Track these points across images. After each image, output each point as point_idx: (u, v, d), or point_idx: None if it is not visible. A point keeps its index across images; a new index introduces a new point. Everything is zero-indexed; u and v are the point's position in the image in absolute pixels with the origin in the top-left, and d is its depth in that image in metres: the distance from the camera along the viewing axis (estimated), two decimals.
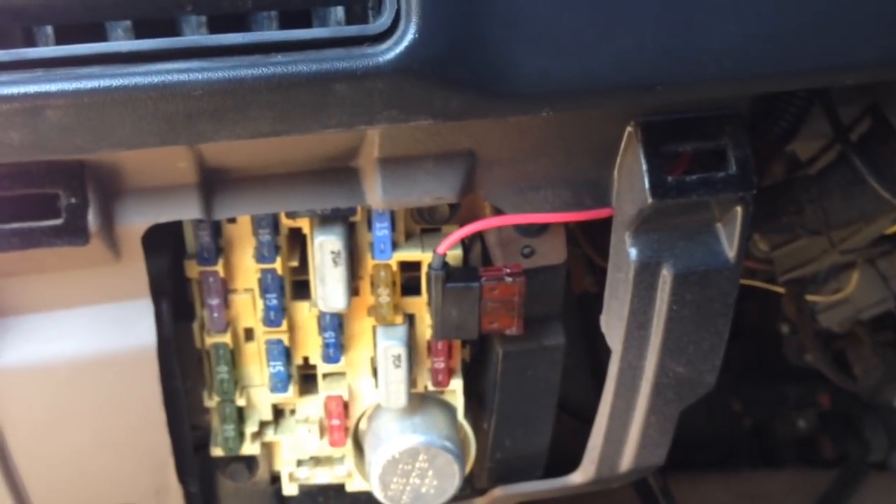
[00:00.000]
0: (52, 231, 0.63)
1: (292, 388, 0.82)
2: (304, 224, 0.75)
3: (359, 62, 0.56)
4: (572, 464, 0.90)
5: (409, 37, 0.56)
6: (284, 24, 0.59)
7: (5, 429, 0.72)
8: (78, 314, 0.70)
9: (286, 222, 0.75)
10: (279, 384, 0.81)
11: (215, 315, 0.78)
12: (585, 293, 1.14)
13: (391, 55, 0.56)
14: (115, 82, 0.54)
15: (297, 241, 0.77)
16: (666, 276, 0.73)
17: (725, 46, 0.61)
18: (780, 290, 1.14)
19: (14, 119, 0.54)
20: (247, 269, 0.77)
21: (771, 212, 0.87)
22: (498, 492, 0.91)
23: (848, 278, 1.13)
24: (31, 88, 0.53)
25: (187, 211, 0.67)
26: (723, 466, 1.91)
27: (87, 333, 0.70)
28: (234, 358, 0.80)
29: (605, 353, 0.79)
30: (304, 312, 0.80)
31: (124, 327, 0.71)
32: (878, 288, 1.20)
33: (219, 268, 0.76)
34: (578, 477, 0.91)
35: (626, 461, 0.88)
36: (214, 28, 0.58)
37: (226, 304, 0.78)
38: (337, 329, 0.80)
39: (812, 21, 0.62)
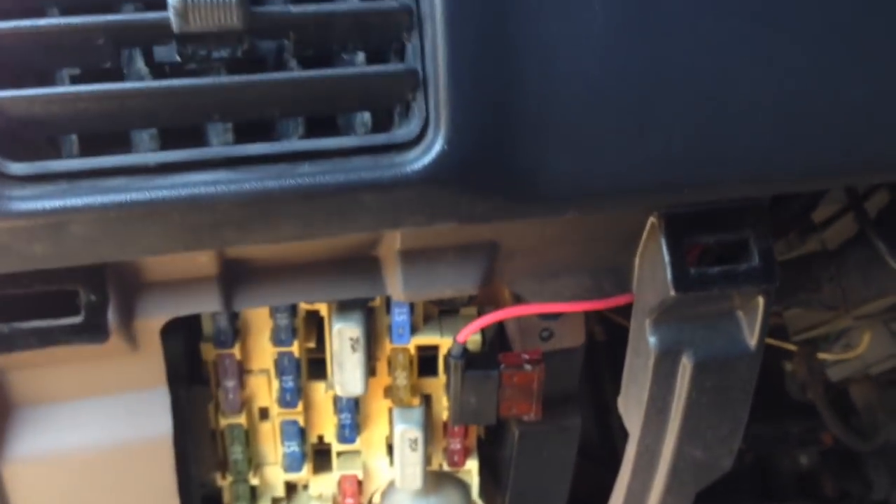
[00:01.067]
0: (71, 329, 0.62)
1: (306, 467, 0.81)
2: (321, 307, 0.74)
3: (386, 172, 0.55)
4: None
5: (438, 147, 0.55)
6: (310, 127, 0.58)
7: None
8: (93, 404, 0.69)
9: (304, 305, 0.74)
10: (293, 464, 0.80)
11: (231, 396, 0.77)
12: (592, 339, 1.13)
13: (419, 165, 0.56)
14: (142, 196, 0.53)
15: (314, 323, 0.77)
16: (686, 363, 0.73)
17: (750, 149, 0.61)
18: (792, 347, 1.13)
19: (37, 233, 0.53)
20: (263, 351, 0.76)
21: (789, 289, 0.87)
22: None
23: (859, 338, 1.12)
24: (56, 204, 0.52)
25: (207, 304, 0.66)
26: (724, 502, 1.90)
27: (103, 423, 0.69)
28: (248, 437, 0.79)
29: (612, 398, 0.79)
30: (320, 393, 0.79)
31: (140, 417, 0.70)
32: (888, 344, 1.20)
33: (235, 350, 0.75)
34: None
35: None
36: (239, 132, 0.57)
37: (241, 384, 0.77)
38: (353, 410, 0.79)
39: (837, 123, 0.61)
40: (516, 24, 0.55)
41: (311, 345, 0.77)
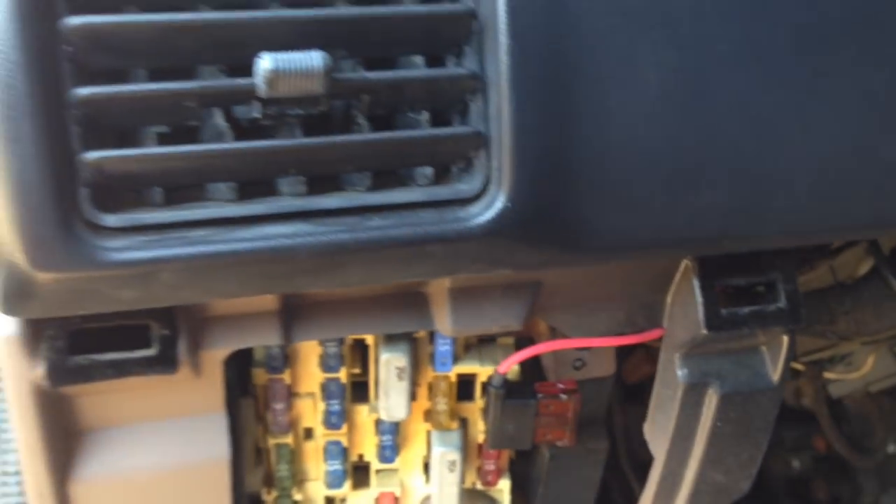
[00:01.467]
0: (144, 361, 0.66)
1: (347, 484, 0.85)
2: (367, 336, 0.78)
3: (452, 226, 0.59)
4: None
5: (500, 203, 0.59)
6: (375, 179, 0.62)
7: None
8: (156, 428, 0.73)
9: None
10: (335, 481, 0.84)
11: (279, 418, 0.81)
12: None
13: (482, 219, 0.59)
14: (226, 247, 0.56)
15: (359, 349, 0.81)
16: (712, 395, 0.77)
17: (787, 207, 0.65)
18: (800, 367, 1.18)
19: (127, 281, 0.57)
20: (311, 376, 0.80)
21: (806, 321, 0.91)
22: None
23: (863, 359, 1.17)
24: (147, 255, 0.56)
25: (268, 337, 0.70)
26: None
27: (165, 446, 0.73)
28: (293, 455, 0.83)
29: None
30: (363, 415, 0.83)
31: (200, 440, 0.73)
32: (889, 364, 1.25)
33: (285, 375, 0.79)
34: None
35: None
36: (311, 184, 0.61)
37: (288, 406, 0.81)
38: (394, 432, 0.83)
39: (868, 182, 0.66)
40: (576, 91, 0.59)
41: (356, 370, 0.81)
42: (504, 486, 0.87)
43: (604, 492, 1.11)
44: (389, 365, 0.77)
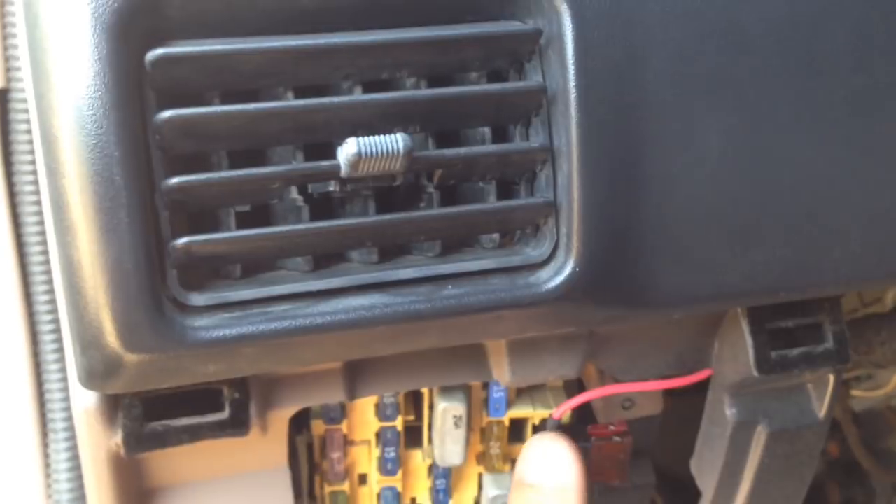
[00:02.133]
0: (217, 425, 0.67)
1: None
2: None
3: (523, 292, 0.61)
4: None
5: (569, 268, 0.61)
6: (443, 243, 0.63)
7: None
8: (222, 484, 0.75)
9: None
10: None
11: (336, 467, 0.82)
12: None
13: (552, 285, 0.61)
14: (308, 322, 0.58)
15: (412, 395, 0.82)
16: (761, 433, 0.79)
17: (844, 259, 0.67)
18: None
19: (213, 357, 0.58)
20: (367, 424, 0.82)
21: None
22: None
23: (888, 377, 1.20)
24: (234, 332, 0.57)
25: (334, 395, 0.72)
26: None
27: (232, 501, 0.74)
28: (348, 502, 0.85)
29: None
30: (417, 461, 0.85)
31: (264, 494, 0.75)
32: None
33: (343, 426, 0.81)
34: None
35: None
36: (381, 252, 0.62)
37: (344, 454, 0.83)
38: (447, 476, 0.85)
39: None
40: (642, 158, 0.61)
41: (411, 417, 0.82)
42: None
43: None
44: (447, 414, 0.78)
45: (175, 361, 0.57)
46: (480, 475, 0.86)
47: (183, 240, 0.55)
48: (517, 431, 0.85)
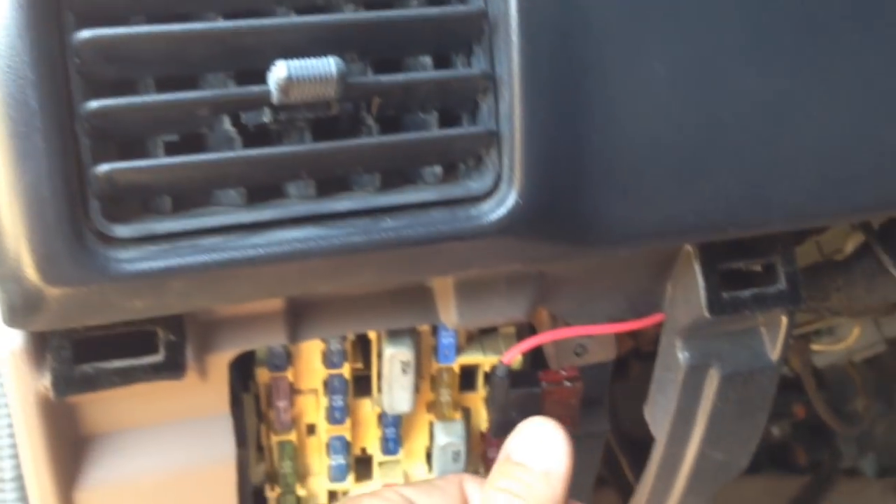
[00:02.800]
0: (151, 368, 0.65)
1: (350, 477, 0.85)
2: (370, 332, 0.78)
3: (464, 224, 0.59)
4: None
5: (512, 200, 0.59)
6: (384, 179, 0.61)
7: None
8: (161, 431, 0.73)
9: None
10: (339, 475, 0.84)
11: (282, 416, 0.80)
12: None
13: (494, 217, 0.59)
14: (240, 254, 0.56)
15: (361, 344, 0.80)
16: (713, 377, 0.78)
17: (794, 192, 0.65)
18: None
19: (140, 291, 0.56)
20: (313, 372, 0.80)
21: None
22: None
23: (849, 331, 1.19)
24: (161, 264, 0.55)
25: (275, 338, 0.70)
26: None
27: (171, 449, 0.72)
28: (296, 452, 0.83)
29: None
30: (366, 409, 0.83)
31: (206, 441, 0.73)
32: (872, 334, 1.28)
33: (288, 373, 0.79)
34: None
35: None
36: (319, 185, 0.60)
37: (291, 403, 0.81)
38: (397, 425, 0.83)
39: (870, 166, 0.67)
40: (586, 86, 0.59)
41: (359, 365, 0.81)
42: None
43: None
44: (394, 360, 0.76)
45: (99, 296, 0.55)
46: (431, 424, 0.84)
47: (104, 167, 0.52)
48: (468, 379, 0.84)
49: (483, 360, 0.81)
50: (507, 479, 0.62)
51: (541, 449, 0.64)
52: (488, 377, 0.82)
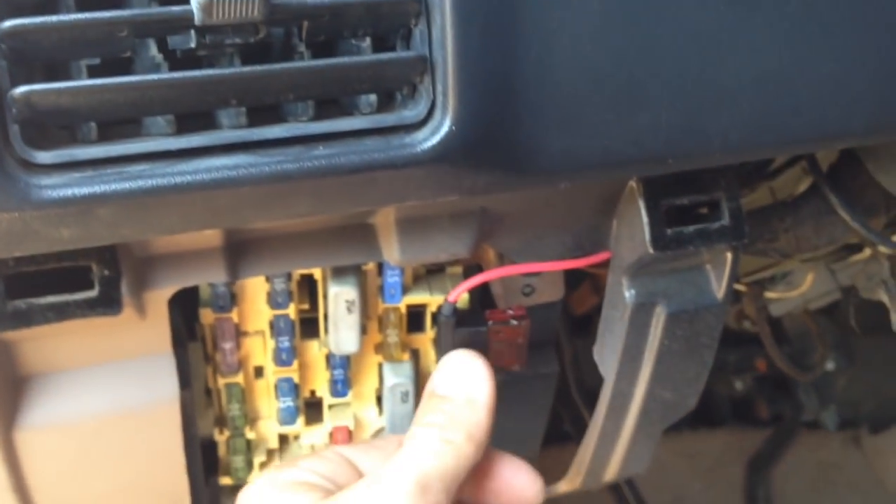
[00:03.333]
0: (86, 303, 0.64)
1: (299, 420, 0.85)
2: (315, 270, 0.77)
3: (398, 152, 0.58)
4: None
5: (446, 128, 0.58)
6: (317, 109, 0.60)
7: (31, 483, 0.73)
8: (102, 371, 0.72)
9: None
10: (288, 418, 0.84)
11: (228, 358, 0.80)
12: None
13: (428, 145, 0.59)
14: (167, 181, 0.55)
15: (307, 285, 0.80)
16: (659, 314, 0.78)
17: (733, 123, 0.65)
18: (742, 287, 1.20)
19: (65, 219, 0.55)
20: (259, 313, 0.79)
21: (749, 240, 0.92)
22: None
23: (802, 278, 1.20)
24: (85, 191, 0.54)
25: (213, 274, 0.69)
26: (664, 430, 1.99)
27: (112, 389, 0.72)
28: (244, 395, 0.83)
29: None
30: (314, 351, 0.83)
31: (148, 381, 0.73)
32: (827, 281, 1.28)
33: (233, 314, 0.78)
34: (564, 486, 0.97)
35: (611, 473, 0.94)
36: (251, 116, 0.59)
37: (237, 345, 0.80)
38: (345, 366, 0.83)
39: (809, 98, 0.66)
40: (519, 11, 0.58)
41: (305, 306, 0.80)
42: None
43: (555, 423, 1.13)
44: (339, 298, 0.76)
45: (22, 224, 0.54)
46: (380, 365, 0.84)
47: (22, 89, 0.51)
48: (416, 320, 0.83)
49: (430, 299, 0.80)
50: (431, 413, 0.63)
51: (462, 379, 0.64)
52: (435, 318, 0.82)
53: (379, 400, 0.86)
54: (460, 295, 0.77)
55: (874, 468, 2.02)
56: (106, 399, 0.72)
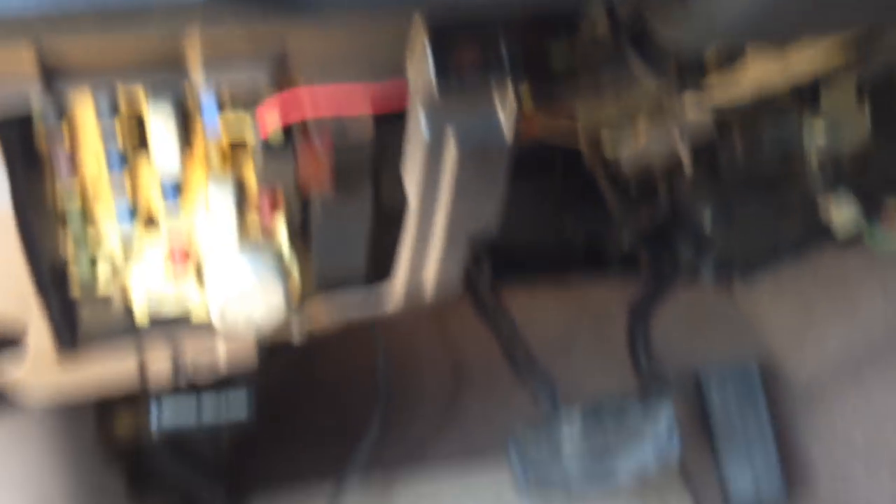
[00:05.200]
0: None
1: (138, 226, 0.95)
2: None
3: None
4: None
5: None
6: None
7: None
8: None
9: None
10: (124, 217, 0.93)
11: (63, 165, 0.89)
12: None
13: None
14: None
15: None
16: (451, 150, 0.88)
17: None
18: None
19: None
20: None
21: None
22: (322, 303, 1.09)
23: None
24: None
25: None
26: (558, 270, 2.12)
27: None
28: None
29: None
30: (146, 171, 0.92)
31: None
32: (664, 140, 1.37)
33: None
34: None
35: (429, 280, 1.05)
36: None
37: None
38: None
39: None
40: None
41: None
42: (283, 234, 0.99)
43: None
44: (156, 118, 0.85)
45: None
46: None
47: None
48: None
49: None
50: None
51: None
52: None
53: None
54: (270, 131, 0.86)
55: (745, 313, 2.17)
56: None
